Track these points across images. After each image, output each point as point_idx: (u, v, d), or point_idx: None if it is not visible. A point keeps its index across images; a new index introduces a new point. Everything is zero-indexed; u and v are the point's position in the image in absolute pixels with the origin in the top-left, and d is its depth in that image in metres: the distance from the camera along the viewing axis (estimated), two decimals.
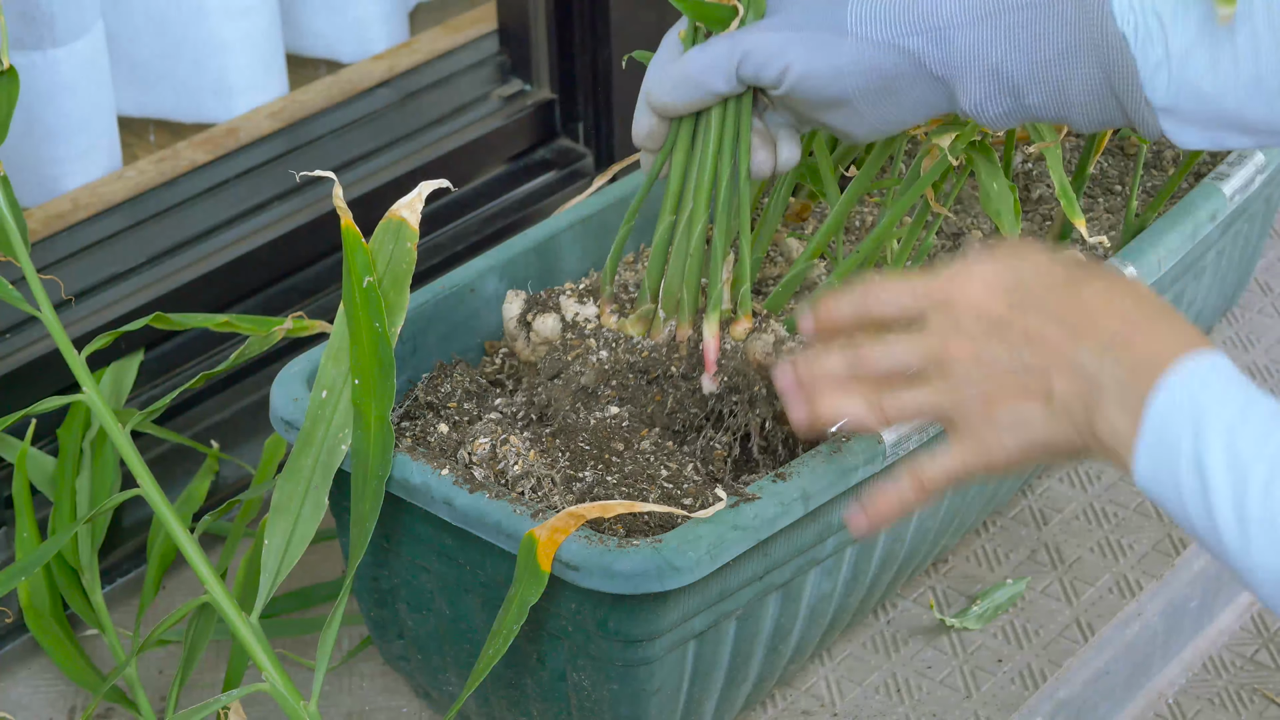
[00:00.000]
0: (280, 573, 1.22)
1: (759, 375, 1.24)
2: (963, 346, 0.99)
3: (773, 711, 1.37)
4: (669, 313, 1.26)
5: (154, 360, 1.60)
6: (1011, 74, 1.09)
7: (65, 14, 1.64)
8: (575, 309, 1.31)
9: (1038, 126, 1.27)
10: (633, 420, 1.24)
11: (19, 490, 1.41)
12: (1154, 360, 0.92)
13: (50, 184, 1.69)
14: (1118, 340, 0.94)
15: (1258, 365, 1.72)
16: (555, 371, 1.27)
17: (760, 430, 1.24)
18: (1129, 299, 0.96)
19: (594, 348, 1.27)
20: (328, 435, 1.21)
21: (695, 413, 1.24)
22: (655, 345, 1.26)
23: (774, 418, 1.24)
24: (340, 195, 1.20)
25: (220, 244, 1.67)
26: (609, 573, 1.11)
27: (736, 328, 1.26)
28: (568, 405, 1.24)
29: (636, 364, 1.26)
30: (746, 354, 1.25)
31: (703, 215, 1.22)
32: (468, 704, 1.30)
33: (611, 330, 1.28)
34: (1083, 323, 0.96)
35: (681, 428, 1.25)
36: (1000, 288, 0.99)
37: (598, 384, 1.25)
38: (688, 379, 1.25)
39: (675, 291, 1.25)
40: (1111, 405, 0.93)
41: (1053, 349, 0.96)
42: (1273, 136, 1.07)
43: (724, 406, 1.24)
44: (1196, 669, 1.49)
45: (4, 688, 1.42)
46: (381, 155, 1.80)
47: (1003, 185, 1.28)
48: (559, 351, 1.28)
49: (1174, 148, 1.66)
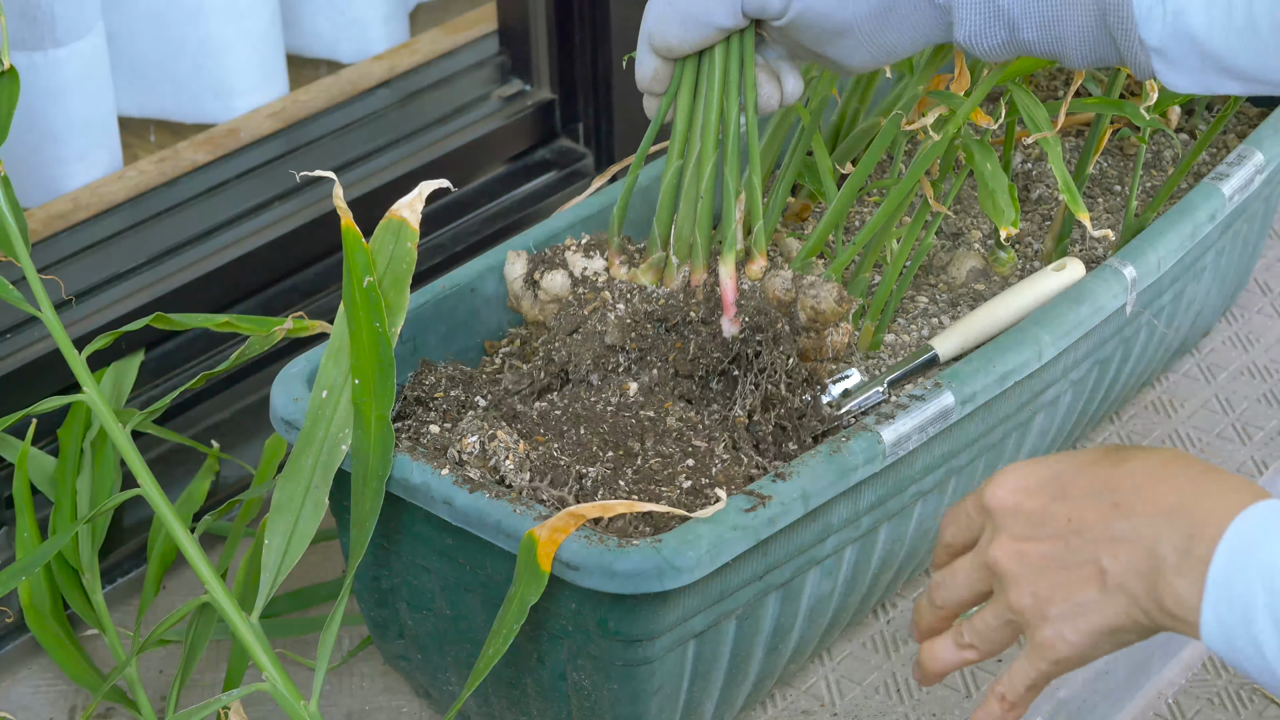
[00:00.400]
0: (280, 573, 1.22)
1: (780, 312, 1.22)
2: (1005, 548, 0.98)
3: (773, 711, 1.37)
4: (682, 258, 1.24)
5: (154, 360, 1.60)
6: (1009, 7, 1.09)
7: (66, 14, 1.64)
8: (583, 264, 1.29)
9: (1033, 118, 1.27)
10: (653, 392, 1.22)
11: (20, 490, 1.41)
12: (1211, 521, 0.91)
13: (51, 184, 1.69)
14: (1172, 508, 0.92)
15: (1258, 365, 1.72)
16: (574, 326, 1.25)
17: (785, 368, 1.22)
18: (1175, 465, 0.95)
19: (610, 301, 1.25)
20: (328, 435, 1.21)
21: (718, 357, 1.23)
22: (671, 292, 1.24)
23: (798, 354, 1.22)
24: (340, 195, 1.20)
25: (220, 244, 1.67)
26: (609, 572, 1.11)
27: (752, 267, 1.24)
28: (589, 363, 1.23)
29: (654, 313, 1.24)
30: (765, 292, 1.24)
31: (711, 156, 1.21)
32: (468, 704, 1.30)
33: (624, 282, 1.26)
34: (1129, 497, 0.94)
35: (705, 373, 1.23)
36: (1036, 483, 0.98)
37: (623, 340, 1.23)
38: (707, 323, 1.23)
39: (687, 236, 1.23)
40: (1173, 574, 0.91)
41: (1096, 528, 0.95)
42: (1261, 85, 1.06)
43: (748, 348, 1.22)
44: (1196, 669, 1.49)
45: (4, 687, 1.42)
46: (381, 155, 1.80)
47: (996, 167, 1.27)
48: (573, 306, 1.27)
49: (1173, 148, 1.67)
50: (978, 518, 1.01)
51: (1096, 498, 0.95)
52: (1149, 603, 0.93)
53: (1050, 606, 0.96)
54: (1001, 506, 0.99)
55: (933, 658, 1.03)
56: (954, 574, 1.02)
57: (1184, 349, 1.69)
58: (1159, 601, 0.92)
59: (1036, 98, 1.29)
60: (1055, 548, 0.96)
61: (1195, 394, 1.68)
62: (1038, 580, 0.96)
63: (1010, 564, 0.98)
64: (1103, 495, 0.95)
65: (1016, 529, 0.98)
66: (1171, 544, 0.92)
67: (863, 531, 1.27)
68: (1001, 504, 0.99)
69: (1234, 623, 0.89)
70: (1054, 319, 1.34)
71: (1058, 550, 0.96)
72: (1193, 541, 0.91)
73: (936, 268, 1.50)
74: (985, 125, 1.27)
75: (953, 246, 1.52)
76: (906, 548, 1.35)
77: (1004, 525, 0.98)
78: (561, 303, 1.28)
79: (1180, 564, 0.91)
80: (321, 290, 1.73)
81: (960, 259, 1.50)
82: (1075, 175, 1.53)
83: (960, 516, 1.03)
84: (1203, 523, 0.91)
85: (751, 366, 1.22)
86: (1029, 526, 0.97)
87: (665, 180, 1.23)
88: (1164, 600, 0.92)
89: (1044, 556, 0.96)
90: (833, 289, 1.25)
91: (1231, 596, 0.89)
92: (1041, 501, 0.97)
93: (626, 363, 1.23)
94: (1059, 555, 0.96)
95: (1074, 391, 1.43)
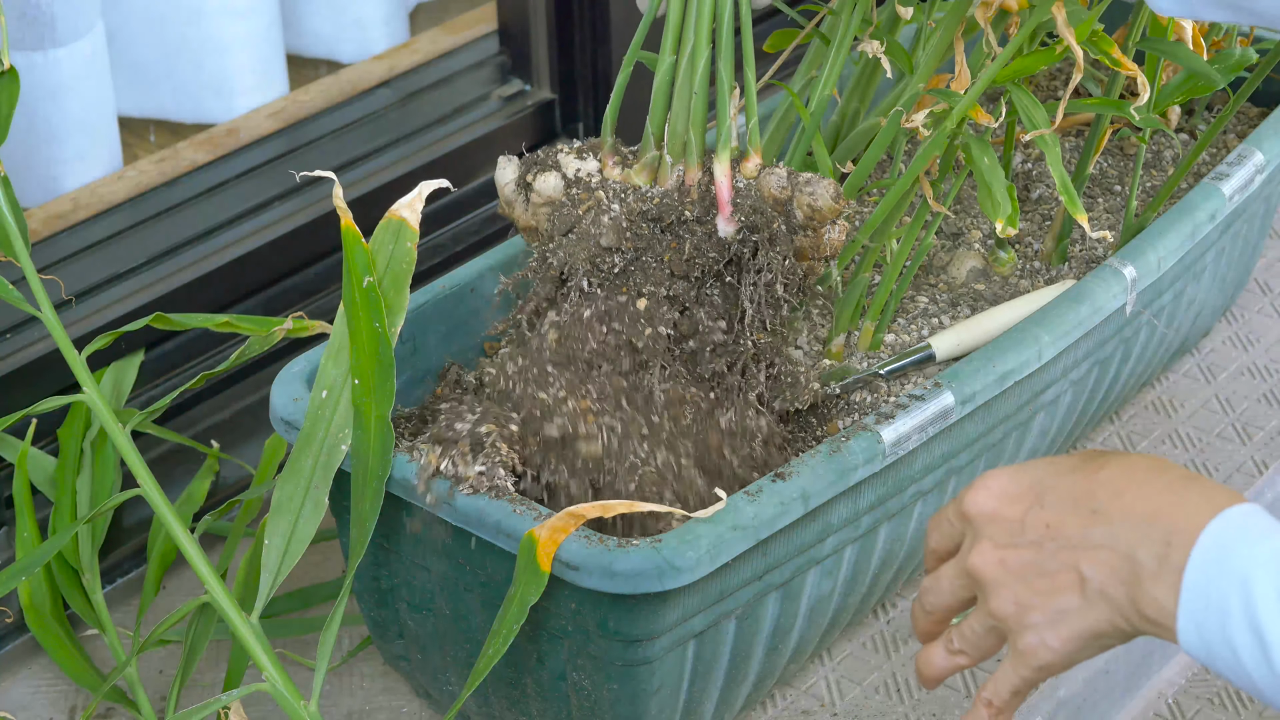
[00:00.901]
0: (280, 573, 1.22)
1: (776, 211, 1.21)
2: (985, 556, 0.98)
3: (773, 711, 1.37)
4: (676, 157, 1.22)
5: (154, 360, 1.60)
6: None
7: (66, 14, 1.64)
8: (576, 165, 1.26)
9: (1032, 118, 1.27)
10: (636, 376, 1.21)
11: (20, 490, 1.41)
12: (1186, 528, 0.91)
13: (51, 184, 1.69)
14: (1149, 515, 0.93)
15: (1257, 365, 1.72)
16: (568, 227, 1.23)
17: (782, 269, 1.21)
18: (1152, 472, 0.95)
19: (605, 201, 1.23)
20: (328, 435, 1.21)
21: (714, 257, 1.21)
22: (666, 191, 1.22)
23: (795, 254, 1.21)
24: (340, 195, 1.21)
25: (220, 244, 1.67)
26: (609, 572, 1.11)
27: (747, 165, 1.22)
28: (586, 264, 1.21)
29: (649, 212, 1.22)
30: (760, 191, 1.22)
31: (704, 51, 1.19)
32: (468, 704, 1.30)
33: (618, 182, 1.24)
34: (1108, 503, 0.94)
35: (701, 274, 1.21)
36: (1015, 491, 0.98)
37: (618, 241, 1.21)
38: (702, 223, 1.21)
39: (681, 134, 1.21)
40: (1150, 581, 0.92)
41: (1076, 535, 0.95)
42: (1243, 14, 1.04)
43: (744, 249, 1.20)
44: (1196, 669, 1.49)
45: (4, 687, 1.42)
46: (381, 155, 1.80)
47: (993, 161, 1.26)
48: (566, 207, 1.25)
49: (1173, 148, 1.67)
50: (958, 524, 1.01)
51: (1075, 505, 0.95)
52: (1129, 609, 0.93)
53: (1031, 613, 0.96)
54: (981, 513, 0.99)
55: (928, 663, 1.04)
56: (939, 580, 1.02)
57: (1184, 349, 1.69)
58: (1138, 608, 0.92)
59: (1036, 98, 1.29)
60: (1035, 555, 0.96)
61: (1195, 394, 1.68)
62: (1018, 587, 0.97)
63: (990, 571, 0.98)
64: (1081, 502, 0.95)
65: (996, 536, 0.98)
66: (1149, 551, 0.92)
67: (862, 531, 1.27)
68: (981, 511, 0.99)
69: (1210, 628, 0.89)
70: (1054, 319, 1.34)
71: (1037, 557, 0.96)
72: (1169, 548, 0.91)
73: (936, 268, 1.50)
74: (985, 124, 1.27)
75: (953, 246, 1.52)
76: (906, 548, 1.35)
77: (984, 532, 0.98)
78: (554, 205, 1.26)
79: (1158, 570, 0.91)
80: (321, 290, 1.73)
81: (960, 259, 1.50)
82: (1075, 175, 1.53)
83: (942, 523, 1.03)
84: (1179, 529, 0.91)
85: (749, 269, 1.20)
86: (1009, 534, 0.97)
87: (658, 76, 1.20)
88: (1143, 607, 0.92)
89: (1024, 563, 0.96)
90: (829, 185, 1.22)
91: (1207, 602, 0.89)
92: (1021, 509, 0.97)
93: (622, 264, 1.21)
94: (1039, 562, 0.96)
95: (1074, 391, 1.43)
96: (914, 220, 1.35)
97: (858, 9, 1.34)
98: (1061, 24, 1.23)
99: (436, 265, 1.77)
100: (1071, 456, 0.98)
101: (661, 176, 1.23)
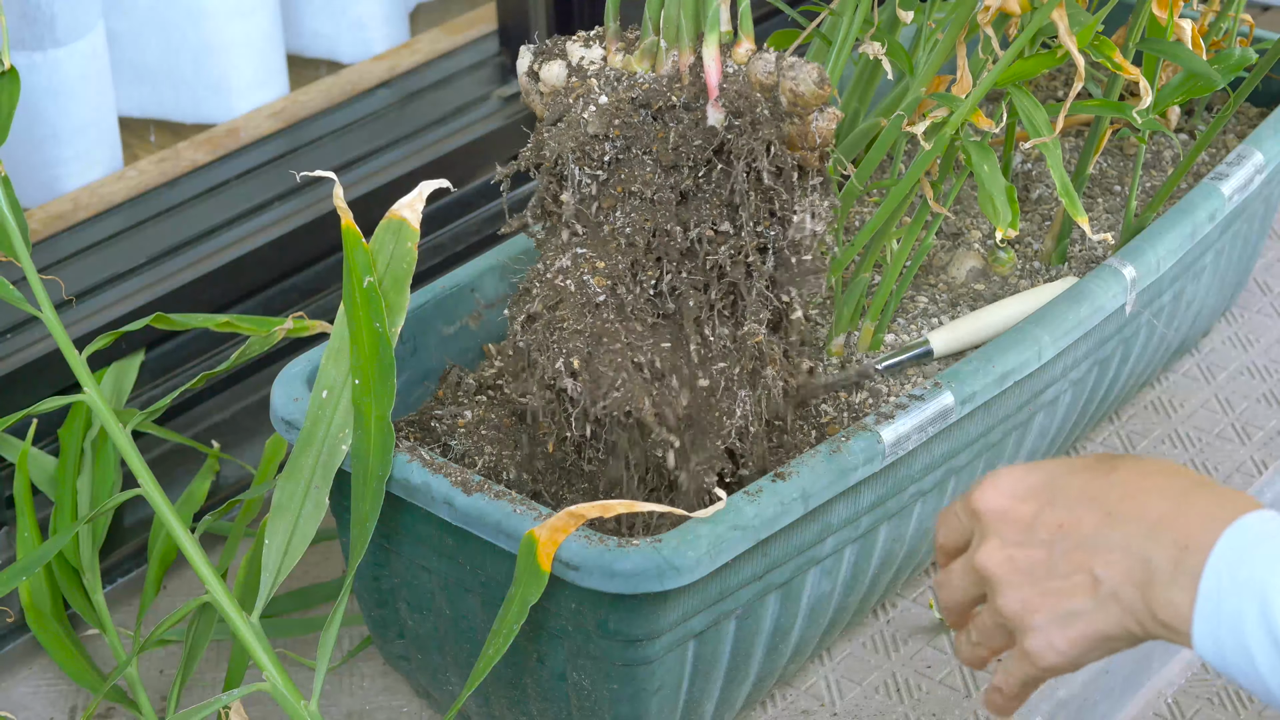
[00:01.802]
0: (281, 573, 1.22)
1: (762, 96, 1.18)
2: (994, 554, 0.97)
3: (773, 711, 1.37)
4: (671, 42, 1.20)
5: (155, 360, 1.61)
6: None
7: (66, 14, 1.64)
8: (581, 53, 1.24)
9: (1033, 121, 1.27)
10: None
11: (20, 490, 1.41)
12: (1203, 532, 0.90)
13: (51, 184, 1.69)
14: (1164, 518, 0.92)
15: (1257, 365, 1.72)
16: (558, 116, 1.21)
17: (767, 153, 1.18)
18: (1165, 476, 0.94)
19: (596, 89, 1.21)
20: (328, 435, 1.22)
21: (699, 145, 1.18)
22: (656, 77, 1.20)
23: (780, 140, 1.18)
24: (340, 195, 1.21)
25: (220, 244, 1.68)
26: (609, 572, 1.11)
27: (738, 50, 1.20)
28: (573, 154, 1.18)
29: (638, 99, 1.19)
30: (749, 76, 1.19)
31: None
32: (468, 704, 1.31)
33: (615, 69, 1.22)
34: (1122, 505, 0.94)
35: (693, 164, 1.18)
36: (1026, 489, 0.98)
37: (605, 128, 1.18)
38: (690, 109, 1.19)
39: (674, 18, 1.19)
40: (1165, 584, 0.91)
41: (1089, 535, 0.94)
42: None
43: (730, 134, 1.17)
44: (1196, 668, 1.49)
45: (5, 687, 1.42)
46: (381, 155, 1.80)
47: (995, 168, 1.25)
48: (561, 96, 1.23)
49: (1173, 148, 1.67)
50: (967, 521, 1.01)
51: (1089, 506, 0.95)
52: (1142, 612, 0.93)
53: (1038, 615, 0.96)
54: (990, 511, 0.98)
55: (959, 651, 1.04)
56: (950, 576, 1.02)
57: (1184, 349, 1.69)
58: (1152, 611, 0.92)
59: (1037, 100, 1.29)
60: (1046, 555, 0.96)
61: (1195, 394, 1.68)
62: (1025, 587, 0.96)
63: (998, 570, 0.97)
64: (1095, 503, 0.95)
65: (1005, 534, 0.97)
66: (1164, 554, 0.91)
67: (862, 531, 1.27)
68: (990, 508, 0.98)
69: (1225, 633, 0.89)
70: (1053, 319, 1.34)
71: (1048, 557, 0.95)
72: (1185, 552, 0.91)
73: (936, 268, 1.50)
74: (986, 128, 1.27)
75: (953, 246, 1.52)
76: (906, 548, 1.35)
77: (993, 530, 0.98)
78: (556, 93, 1.24)
79: (1173, 574, 0.91)
80: (321, 290, 1.73)
81: (960, 259, 1.50)
82: (1075, 176, 1.53)
83: (950, 519, 1.03)
84: (1194, 534, 0.91)
85: (739, 155, 1.17)
86: (1019, 533, 0.97)
87: None
88: (1157, 610, 0.92)
89: (1033, 563, 0.96)
90: (813, 70, 1.18)
91: (1223, 607, 0.89)
92: (1031, 508, 0.97)
93: (613, 152, 1.19)
94: (1050, 562, 0.95)
95: (1074, 391, 1.43)
96: (914, 220, 1.35)
97: (859, 10, 1.34)
98: (1064, 33, 1.22)
99: (437, 265, 1.77)
100: (1084, 458, 0.98)
101: (659, 63, 1.21)
